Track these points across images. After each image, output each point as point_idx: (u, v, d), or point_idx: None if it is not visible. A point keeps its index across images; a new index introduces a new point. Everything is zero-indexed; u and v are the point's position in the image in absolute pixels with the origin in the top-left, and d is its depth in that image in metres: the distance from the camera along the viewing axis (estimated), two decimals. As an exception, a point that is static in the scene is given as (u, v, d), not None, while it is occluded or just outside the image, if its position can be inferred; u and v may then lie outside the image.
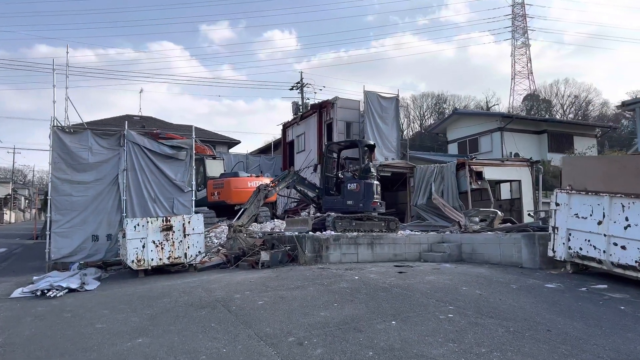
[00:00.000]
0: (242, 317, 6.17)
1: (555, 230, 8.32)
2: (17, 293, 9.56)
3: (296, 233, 11.76)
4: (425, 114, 60.20)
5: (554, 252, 8.40)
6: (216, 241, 14.47)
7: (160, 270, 10.97)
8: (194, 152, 14.05)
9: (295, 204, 22.68)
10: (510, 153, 24.27)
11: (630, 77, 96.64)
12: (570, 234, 8.11)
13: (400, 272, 8.82)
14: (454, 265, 9.80)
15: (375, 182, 12.86)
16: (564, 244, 8.20)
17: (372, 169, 12.93)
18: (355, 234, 10.92)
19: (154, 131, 14.20)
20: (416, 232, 12.60)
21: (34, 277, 11.25)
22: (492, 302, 6.44)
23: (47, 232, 12.40)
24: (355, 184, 12.57)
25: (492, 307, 6.20)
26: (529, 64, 62.58)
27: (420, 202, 17.98)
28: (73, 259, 12.52)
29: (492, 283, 7.69)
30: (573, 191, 8.05)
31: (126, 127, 13.42)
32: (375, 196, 12.66)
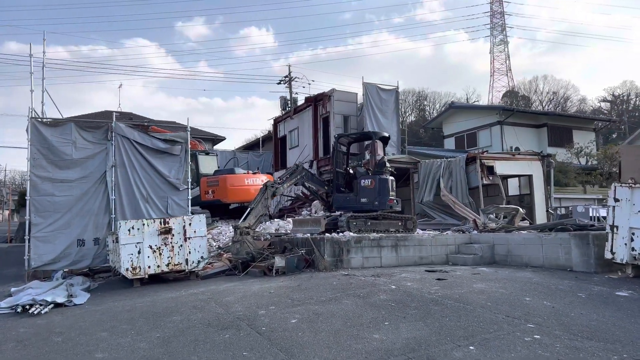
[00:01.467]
0: (278, 341, 5.03)
1: (615, 229, 7.38)
2: (-7, 309, 8.23)
3: (308, 235, 10.65)
4: (407, 111, 59.68)
5: (612, 253, 7.46)
6: (214, 244, 13.26)
7: (157, 279, 9.75)
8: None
9: (290, 202, 21.53)
10: (511, 147, 23.54)
11: (603, 74, 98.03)
12: (633, 234, 7.18)
13: (439, 279, 7.78)
14: (492, 270, 8.81)
15: (391, 177, 11.81)
16: (625, 244, 7.27)
17: (387, 164, 11.87)
18: (377, 235, 9.85)
19: (144, 123, 12.87)
20: (433, 232, 11.62)
21: (12, 289, 9.88)
22: (574, 317, 5.44)
23: (27, 237, 11.01)
24: (369, 180, 11.49)
25: (577, 323, 5.19)
26: (507, 61, 62.66)
27: (427, 199, 17.02)
28: (56, 267, 11.18)
29: (554, 291, 6.70)
30: (637, 185, 7.13)
31: (114, 119, 12.09)
32: (391, 193, 11.60)
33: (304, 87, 36.44)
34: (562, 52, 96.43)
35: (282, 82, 38.22)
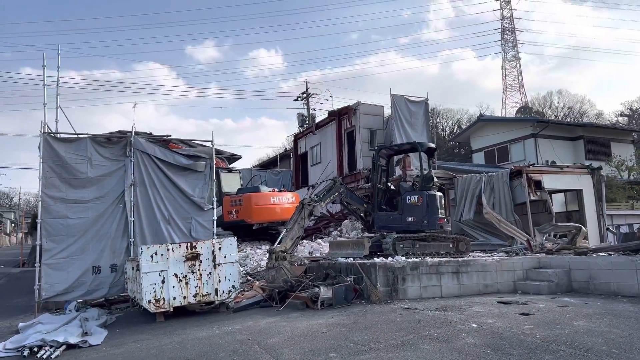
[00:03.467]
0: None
1: None
2: (-4, 351, 7.07)
3: (351, 259, 9.43)
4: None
5: None
6: (241, 269, 12.05)
7: (182, 311, 8.54)
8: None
9: (314, 221, 20.29)
10: (547, 161, 22.19)
11: (616, 88, 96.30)
12: None
13: (524, 314, 6.50)
14: (578, 300, 7.50)
15: (439, 193, 10.58)
16: None
17: (435, 178, 10.66)
18: (437, 260, 8.58)
19: (165, 137, 11.82)
20: (498, 255, 10.33)
21: (20, 324, 8.76)
22: None
23: (37, 265, 9.90)
24: (416, 197, 10.26)
25: None
26: (519, 77, 61.60)
27: (466, 217, 15.67)
28: (69, 297, 10.04)
29: (683, 332, 5.38)
30: None
31: (133, 133, 11.04)
32: (440, 211, 10.37)
33: (321, 103, 35.10)
34: (572, 68, 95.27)
35: (299, 99, 37.43)
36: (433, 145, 11.19)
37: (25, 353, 6.70)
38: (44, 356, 6.49)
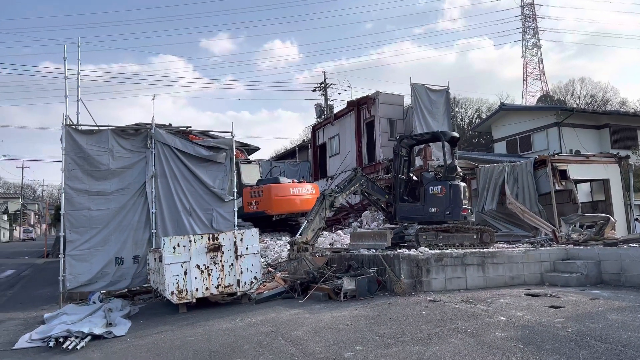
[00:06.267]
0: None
1: None
2: (23, 342, 7.16)
3: (373, 251, 9.31)
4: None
5: None
6: (262, 260, 12.02)
7: (204, 302, 8.54)
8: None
9: (332, 212, 20.18)
10: (571, 150, 21.68)
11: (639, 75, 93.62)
12: None
13: (554, 307, 6.32)
14: (610, 293, 7.28)
15: (462, 184, 10.37)
16: None
17: (458, 168, 10.45)
18: (461, 251, 8.41)
19: (185, 129, 11.77)
20: (524, 247, 10.11)
21: (45, 315, 8.86)
22: None
23: (61, 256, 9.99)
24: (439, 187, 10.07)
25: None
26: (540, 65, 60.21)
27: (489, 207, 15.38)
28: (93, 288, 10.11)
29: None
30: None
31: (154, 125, 11.04)
32: (464, 201, 10.16)
33: (339, 93, 34.99)
34: (594, 55, 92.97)
35: (317, 90, 37.23)
36: (456, 135, 10.96)
37: (51, 344, 6.74)
38: (70, 347, 6.53)
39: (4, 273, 18.18)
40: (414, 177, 11.09)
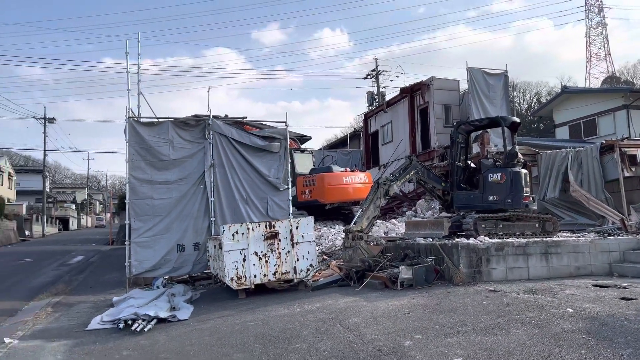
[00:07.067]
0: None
1: None
2: (95, 323, 7.60)
3: (430, 239, 9.16)
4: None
5: None
6: (316, 248, 12.13)
7: (262, 289, 8.72)
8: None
9: (386, 201, 20.01)
10: (640, 134, 20.41)
11: None
12: None
13: (625, 299, 6.01)
14: (688, 285, 6.84)
15: (524, 170, 10.00)
16: None
17: (519, 154, 10.08)
18: (524, 240, 8.15)
19: (241, 119, 12.00)
20: (590, 236, 9.66)
21: (114, 298, 9.37)
22: None
23: (127, 243, 10.48)
24: (499, 174, 9.75)
25: None
26: (605, 45, 56.62)
27: (551, 195, 14.75)
28: (157, 273, 10.57)
29: None
30: None
31: (211, 116, 11.31)
32: (525, 189, 9.79)
33: (391, 80, 34.38)
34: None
35: (368, 77, 36.89)
36: (517, 120, 10.56)
37: (121, 325, 7.12)
38: (137, 329, 6.87)
39: (75, 259, 19.36)
40: (472, 164, 10.80)
